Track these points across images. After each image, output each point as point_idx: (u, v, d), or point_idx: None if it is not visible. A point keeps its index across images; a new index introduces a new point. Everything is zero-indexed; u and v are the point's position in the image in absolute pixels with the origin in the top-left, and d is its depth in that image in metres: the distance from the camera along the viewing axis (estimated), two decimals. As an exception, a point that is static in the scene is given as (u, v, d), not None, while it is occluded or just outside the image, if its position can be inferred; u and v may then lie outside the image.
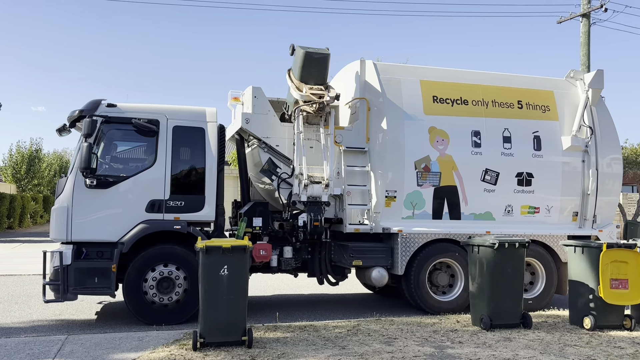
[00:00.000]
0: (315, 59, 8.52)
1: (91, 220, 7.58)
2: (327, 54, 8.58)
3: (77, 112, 7.79)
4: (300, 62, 8.54)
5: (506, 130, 9.10)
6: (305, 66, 8.54)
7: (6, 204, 26.32)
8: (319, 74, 8.66)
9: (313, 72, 8.61)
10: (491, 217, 8.96)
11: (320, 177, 8.32)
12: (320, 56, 8.55)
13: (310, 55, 8.48)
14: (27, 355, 5.70)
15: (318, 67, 8.58)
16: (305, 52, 8.45)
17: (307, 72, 8.58)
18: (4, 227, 26.61)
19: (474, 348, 6.01)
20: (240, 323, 5.99)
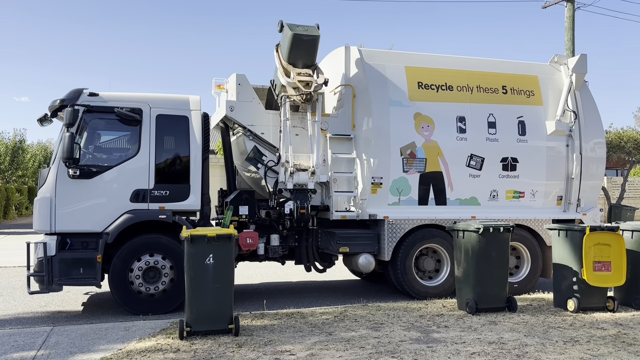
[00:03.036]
0: (305, 41, 8.23)
1: (75, 211, 7.51)
2: (317, 35, 8.30)
3: (58, 101, 7.68)
4: (289, 44, 8.24)
5: (491, 115, 9.12)
6: (294, 48, 8.26)
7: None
8: (307, 56, 8.43)
9: (302, 54, 8.36)
10: (476, 202, 9.01)
11: (307, 165, 8.30)
12: (309, 38, 8.26)
13: (298, 37, 8.16)
14: (12, 347, 5.66)
15: (307, 50, 8.34)
16: (293, 34, 8.14)
17: (295, 54, 8.32)
18: (-12, 219, 26.32)
19: (460, 332, 6.06)
20: (226, 311, 5.98)
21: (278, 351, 5.39)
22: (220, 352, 5.38)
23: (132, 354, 5.33)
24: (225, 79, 9.13)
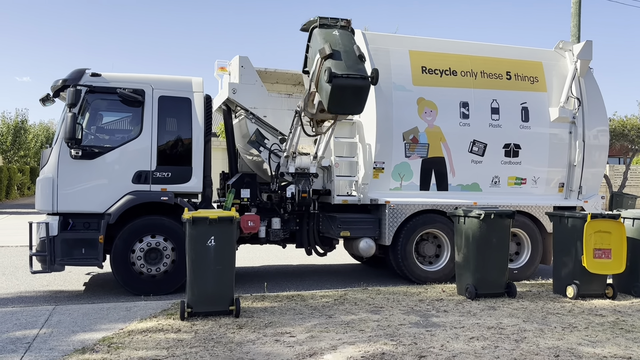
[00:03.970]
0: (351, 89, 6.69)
1: (77, 191, 7.53)
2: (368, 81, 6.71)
3: (60, 81, 7.65)
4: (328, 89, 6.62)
5: (494, 101, 9.08)
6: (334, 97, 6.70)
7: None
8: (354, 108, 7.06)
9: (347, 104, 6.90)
10: (478, 188, 9.01)
11: (309, 149, 8.28)
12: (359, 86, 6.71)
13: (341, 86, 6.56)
14: (14, 325, 5.70)
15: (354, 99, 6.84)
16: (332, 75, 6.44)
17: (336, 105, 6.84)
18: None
19: (459, 317, 6.10)
20: (227, 293, 6.02)
21: (278, 333, 5.43)
22: (221, 332, 5.42)
23: (134, 334, 5.38)
24: (228, 61, 9.09)
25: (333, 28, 7.22)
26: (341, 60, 6.74)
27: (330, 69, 6.58)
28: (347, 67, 6.70)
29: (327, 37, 7.04)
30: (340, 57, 6.77)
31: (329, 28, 7.20)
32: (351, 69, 6.71)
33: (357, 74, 6.70)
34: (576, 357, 4.73)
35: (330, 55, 6.72)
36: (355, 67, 6.75)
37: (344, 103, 6.86)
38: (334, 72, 6.57)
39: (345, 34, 7.17)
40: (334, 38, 7.02)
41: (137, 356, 4.72)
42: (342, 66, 6.69)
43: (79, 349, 4.94)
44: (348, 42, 7.04)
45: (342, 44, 6.94)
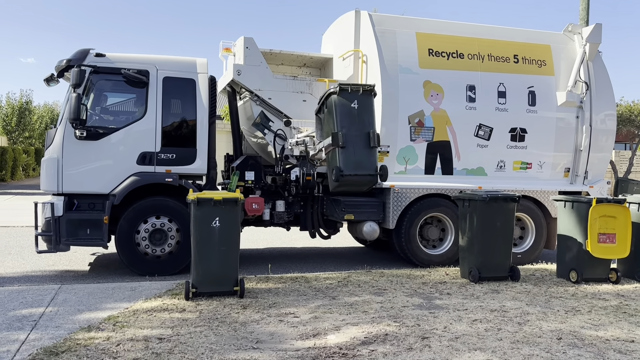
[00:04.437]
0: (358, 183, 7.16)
1: (82, 172, 7.54)
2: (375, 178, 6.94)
3: (64, 61, 7.62)
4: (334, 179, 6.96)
5: (501, 85, 9.01)
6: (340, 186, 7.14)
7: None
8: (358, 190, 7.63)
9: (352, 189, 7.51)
10: (483, 172, 8.98)
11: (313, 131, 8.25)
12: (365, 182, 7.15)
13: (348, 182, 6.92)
14: (21, 303, 5.76)
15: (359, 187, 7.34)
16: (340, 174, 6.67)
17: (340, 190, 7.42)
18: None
19: (462, 299, 6.13)
20: (232, 274, 6.06)
21: (282, 313, 5.47)
22: (225, 312, 5.47)
23: (139, 313, 5.43)
24: (233, 42, 9.04)
25: (354, 94, 6.90)
26: (352, 155, 6.73)
27: (339, 168, 6.69)
28: (355, 165, 6.77)
29: (342, 113, 6.80)
30: (352, 149, 6.73)
31: (350, 94, 6.87)
32: (360, 166, 6.76)
33: (366, 173, 6.74)
34: (579, 340, 4.75)
35: (342, 146, 6.69)
36: (366, 162, 6.79)
37: (349, 189, 7.32)
38: (342, 171, 6.68)
39: (365, 107, 6.90)
40: (350, 115, 6.79)
41: (142, 335, 4.77)
42: (351, 162, 6.72)
43: (85, 327, 4.99)
44: (366, 121, 6.87)
45: (358, 124, 6.79)
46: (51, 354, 4.28)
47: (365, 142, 6.77)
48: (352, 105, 6.76)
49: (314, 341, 4.69)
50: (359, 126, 6.77)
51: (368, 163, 6.80)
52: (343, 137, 6.66)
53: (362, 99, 6.86)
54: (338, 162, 6.73)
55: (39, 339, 4.67)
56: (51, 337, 4.70)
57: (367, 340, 4.71)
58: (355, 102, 6.80)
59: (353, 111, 6.75)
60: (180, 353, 4.34)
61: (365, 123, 6.85)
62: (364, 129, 6.82)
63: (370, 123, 6.94)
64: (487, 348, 4.50)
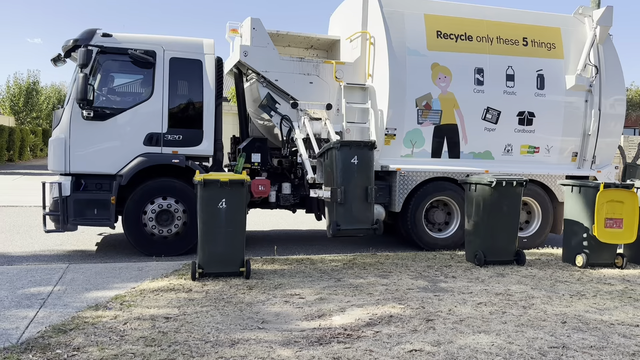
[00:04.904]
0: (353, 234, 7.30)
1: (89, 152, 7.56)
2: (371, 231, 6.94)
3: (71, 41, 7.59)
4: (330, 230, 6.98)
5: (510, 68, 8.92)
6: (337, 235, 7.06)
7: (5, 136, 26.22)
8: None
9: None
10: (490, 156, 8.93)
11: (320, 114, 8.22)
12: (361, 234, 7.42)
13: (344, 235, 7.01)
14: (29, 282, 5.83)
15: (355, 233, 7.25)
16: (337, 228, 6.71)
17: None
18: (3, 159, 26.63)
19: (467, 282, 6.14)
20: (238, 255, 6.09)
21: (287, 294, 5.51)
22: (231, 293, 5.51)
23: (145, 292, 5.47)
24: (240, 23, 8.95)
25: (355, 150, 6.83)
26: (350, 210, 6.75)
27: (337, 223, 6.73)
28: (353, 220, 6.78)
29: (342, 169, 6.75)
30: (350, 205, 6.75)
31: (350, 150, 6.81)
32: (358, 221, 6.79)
33: (363, 227, 6.82)
34: (583, 324, 4.76)
35: (340, 203, 6.73)
36: (363, 217, 6.80)
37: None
38: (340, 226, 6.72)
39: (364, 162, 6.83)
40: (350, 171, 6.77)
41: (149, 314, 4.82)
42: (349, 217, 6.75)
43: (92, 305, 5.04)
44: (365, 176, 6.84)
45: (357, 179, 6.78)
46: (59, 332, 4.33)
47: (363, 197, 6.81)
48: (352, 161, 6.78)
49: (319, 322, 4.72)
50: (358, 182, 6.80)
51: (365, 217, 6.85)
52: (341, 193, 6.72)
53: (362, 155, 6.84)
54: (335, 216, 6.78)
55: (47, 316, 4.73)
56: (59, 315, 4.75)
57: (371, 321, 4.73)
58: (355, 158, 6.80)
59: (352, 167, 6.76)
60: (186, 332, 4.38)
61: (364, 178, 6.85)
62: (363, 184, 6.83)
63: (369, 177, 6.93)
64: (491, 331, 4.52)
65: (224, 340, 4.22)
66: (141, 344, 4.11)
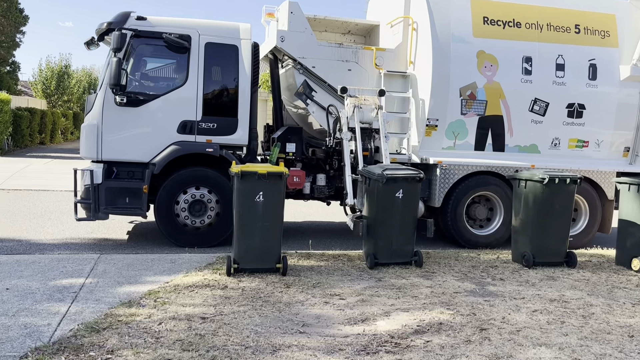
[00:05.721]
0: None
1: (121, 139, 7.35)
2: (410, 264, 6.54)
3: (105, 24, 7.34)
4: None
5: (560, 57, 8.39)
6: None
7: (37, 119, 26.44)
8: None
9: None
10: (536, 150, 8.46)
11: (372, 101, 7.78)
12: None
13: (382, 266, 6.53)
14: (61, 273, 5.65)
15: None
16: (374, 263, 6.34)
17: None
18: (35, 142, 26.89)
19: (517, 286, 5.76)
20: (274, 250, 5.83)
21: (327, 294, 5.22)
22: (268, 291, 5.24)
23: (180, 288, 5.24)
24: (277, 7, 8.59)
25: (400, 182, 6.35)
26: (390, 245, 6.39)
27: (374, 255, 6.37)
28: (392, 253, 6.43)
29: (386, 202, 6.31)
30: (390, 240, 6.39)
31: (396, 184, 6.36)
32: (397, 254, 6.46)
33: (401, 260, 6.49)
34: (652, 339, 4.35)
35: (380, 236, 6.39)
36: (402, 250, 6.47)
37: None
38: (377, 259, 6.38)
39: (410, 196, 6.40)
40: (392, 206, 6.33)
41: (185, 313, 4.57)
42: (388, 251, 6.41)
43: (126, 302, 4.82)
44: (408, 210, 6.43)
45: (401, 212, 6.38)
46: (92, 330, 4.12)
47: (405, 230, 6.45)
48: (396, 195, 6.37)
49: (363, 327, 4.42)
50: (401, 215, 6.41)
51: (404, 251, 6.50)
52: (382, 227, 6.38)
53: (408, 188, 6.41)
54: (374, 248, 6.41)
55: (79, 312, 4.53)
56: (92, 311, 4.55)
57: (420, 329, 4.41)
58: (400, 192, 6.38)
59: (396, 201, 6.36)
60: (225, 335, 4.12)
61: (407, 212, 6.45)
62: (406, 217, 6.44)
63: (414, 211, 6.55)
64: (552, 344, 4.15)
65: (264, 346, 3.94)
66: (177, 347, 3.86)
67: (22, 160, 19.59)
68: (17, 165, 17.30)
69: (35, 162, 19.09)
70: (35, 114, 26.05)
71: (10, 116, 21.76)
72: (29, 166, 17.52)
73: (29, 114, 24.67)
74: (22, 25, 25.55)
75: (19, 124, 23.41)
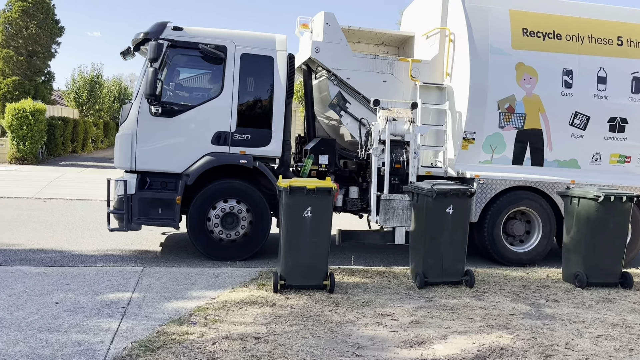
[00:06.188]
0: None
1: (156, 150, 7.01)
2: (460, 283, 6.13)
3: (142, 34, 7.04)
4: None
5: (602, 69, 7.87)
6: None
7: (70, 128, 26.41)
8: None
9: None
10: (576, 164, 7.92)
11: (404, 113, 7.35)
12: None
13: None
14: (107, 287, 5.35)
15: None
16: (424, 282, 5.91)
17: None
18: (68, 150, 26.85)
19: (573, 309, 5.26)
20: (322, 267, 5.48)
21: (378, 314, 4.83)
22: (317, 309, 4.87)
23: (228, 305, 4.91)
24: (311, 18, 8.23)
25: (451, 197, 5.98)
26: (440, 263, 5.96)
27: (423, 274, 5.93)
28: (442, 272, 5.98)
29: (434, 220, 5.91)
30: (441, 258, 5.95)
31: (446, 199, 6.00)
32: (447, 274, 6.00)
33: (452, 280, 6.05)
34: None
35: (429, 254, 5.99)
36: (453, 269, 6.01)
37: None
38: (427, 278, 5.93)
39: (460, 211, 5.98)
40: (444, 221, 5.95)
41: (237, 332, 4.24)
42: (438, 270, 5.97)
43: (176, 319, 4.51)
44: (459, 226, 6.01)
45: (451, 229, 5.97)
46: (147, 350, 3.81)
47: (456, 248, 6.00)
48: (446, 211, 5.95)
49: (420, 350, 4.01)
50: (452, 232, 5.97)
51: (455, 270, 6.05)
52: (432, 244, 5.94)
53: (459, 204, 5.97)
54: (423, 267, 5.98)
55: (130, 329, 4.24)
56: (143, 328, 4.26)
57: (480, 354, 3.95)
58: (450, 207, 5.94)
59: (447, 217, 5.93)
60: (281, 357, 3.77)
61: (458, 228, 6.01)
62: (457, 234, 5.99)
63: (465, 227, 6.08)
64: (627, 379, 3.64)
65: (319, 372, 3.51)
66: (232, 371, 3.45)
67: (56, 169, 19.43)
68: (52, 175, 17.11)
69: (69, 171, 18.90)
70: (68, 123, 26.03)
71: (45, 125, 21.69)
72: (64, 175, 17.33)
73: (62, 123, 24.64)
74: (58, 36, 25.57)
75: (53, 133, 23.36)
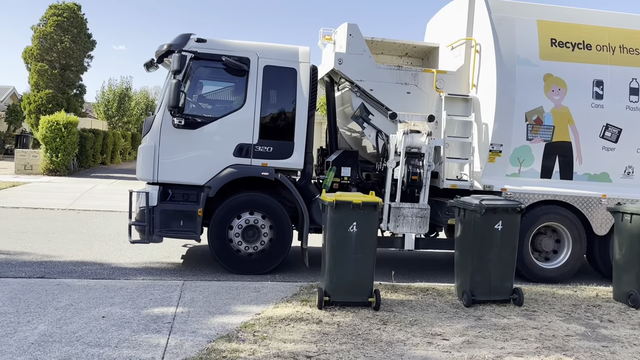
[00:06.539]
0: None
1: (178, 162, 6.81)
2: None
3: (165, 46, 6.87)
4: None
5: (634, 80, 7.45)
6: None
7: (100, 140, 26.60)
8: None
9: None
10: (608, 178, 7.48)
11: (421, 126, 7.06)
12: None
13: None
14: (150, 300, 5.19)
15: None
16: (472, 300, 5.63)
17: None
18: (98, 162, 27.03)
19: (631, 330, 4.96)
20: (367, 283, 5.25)
21: (428, 334, 4.58)
22: (365, 327, 4.65)
23: (274, 321, 4.72)
24: (334, 29, 7.98)
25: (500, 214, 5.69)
26: (489, 281, 5.67)
27: (471, 292, 5.63)
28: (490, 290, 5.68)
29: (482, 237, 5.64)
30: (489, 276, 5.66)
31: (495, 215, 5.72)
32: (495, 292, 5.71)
33: (500, 298, 5.74)
34: None
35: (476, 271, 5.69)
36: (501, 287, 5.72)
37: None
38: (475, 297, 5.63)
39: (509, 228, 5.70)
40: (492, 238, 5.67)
41: (287, 350, 4.05)
42: (486, 288, 5.68)
43: (224, 335, 4.35)
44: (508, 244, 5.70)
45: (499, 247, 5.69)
46: None
47: (504, 265, 5.69)
48: (495, 227, 5.63)
49: (477, 373, 3.65)
50: (500, 249, 5.65)
51: (503, 288, 5.72)
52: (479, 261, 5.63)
53: (509, 220, 5.64)
54: (470, 284, 5.66)
55: (179, 345, 4.09)
56: (192, 345, 4.11)
57: (538, 378, 3.59)
58: (499, 224, 5.62)
59: (495, 233, 5.61)
60: (335, 377, 3.46)
61: (507, 245, 5.67)
62: (505, 252, 5.66)
63: (514, 244, 5.74)
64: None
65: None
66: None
67: (88, 180, 19.42)
68: (84, 186, 17.06)
69: (100, 182, 18.85)
70: (98, 135, 26.21)
71: (77, 137, 21.83)
72: (95, 187, 17.24)
73: (93, 135, 24.81)
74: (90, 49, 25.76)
75: (84, 145, 23.51)
